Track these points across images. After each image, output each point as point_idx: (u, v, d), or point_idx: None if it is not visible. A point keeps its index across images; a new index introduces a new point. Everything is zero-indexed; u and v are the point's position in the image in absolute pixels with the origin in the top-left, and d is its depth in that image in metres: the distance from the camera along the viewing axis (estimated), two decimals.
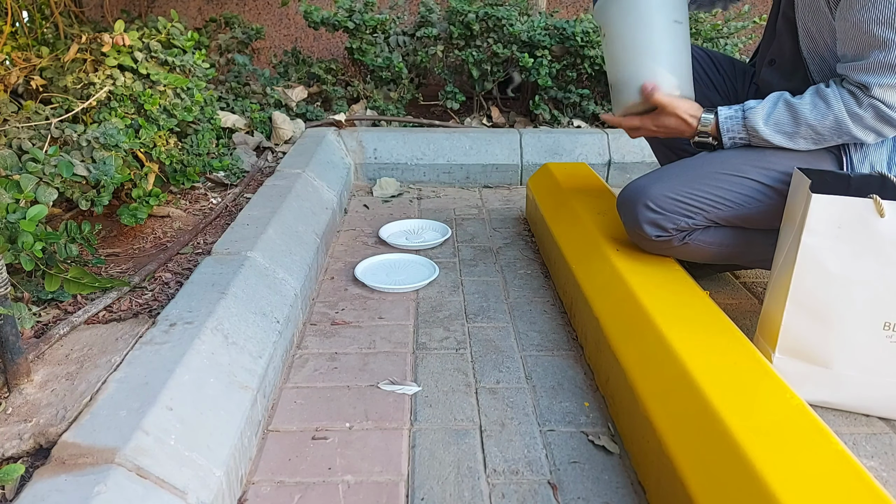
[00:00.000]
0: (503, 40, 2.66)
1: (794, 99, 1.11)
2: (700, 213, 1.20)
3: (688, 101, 1.21)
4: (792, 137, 1.12)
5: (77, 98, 1.60)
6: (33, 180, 1.17)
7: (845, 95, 1.06)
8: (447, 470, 0.94)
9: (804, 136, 1.11)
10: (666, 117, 1.20)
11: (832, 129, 1.08)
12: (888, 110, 1.03)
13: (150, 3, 3.24)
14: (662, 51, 1.21)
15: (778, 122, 1.12)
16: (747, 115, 1.14)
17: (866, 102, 1.04)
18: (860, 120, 1.05)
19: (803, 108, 1.09)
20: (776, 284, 1.10)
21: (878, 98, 1.02)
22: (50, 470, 0.72)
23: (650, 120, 1.23)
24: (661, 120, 1.21)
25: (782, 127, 1.12)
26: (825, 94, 1.08)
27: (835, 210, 0.98)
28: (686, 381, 0.89)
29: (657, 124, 1.22)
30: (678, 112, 1.19)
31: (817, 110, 1.08)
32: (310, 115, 2.65)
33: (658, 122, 1.22)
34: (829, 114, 1.07)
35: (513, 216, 2.06)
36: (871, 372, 1.03)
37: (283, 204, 1.61)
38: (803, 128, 1.10)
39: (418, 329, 1.35)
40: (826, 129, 1.09)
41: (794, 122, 1.11)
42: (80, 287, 1.10)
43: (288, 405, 1.09)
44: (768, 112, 1.13)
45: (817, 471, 0.72)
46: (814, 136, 1.11)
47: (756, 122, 1.13)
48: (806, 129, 1.10)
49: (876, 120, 1.05)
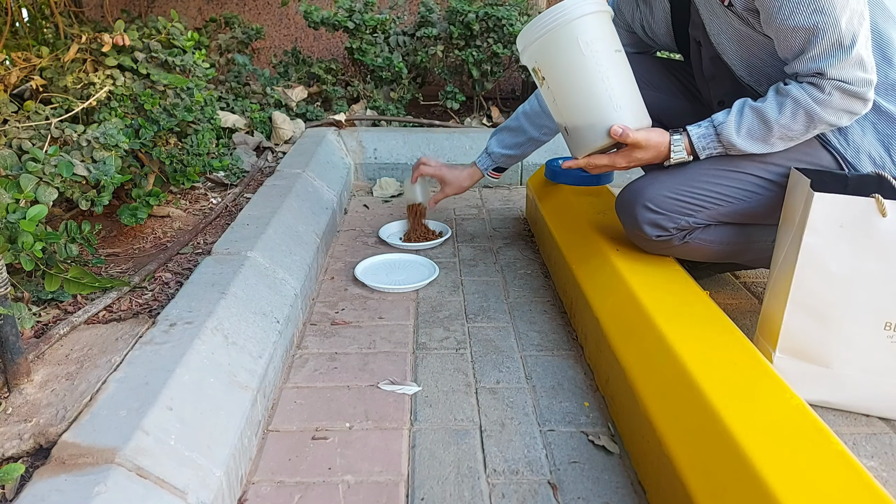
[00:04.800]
0: (503, 40, 2.66)
1: (759, 103, 1.10)
2: (700, 211, 1.20)
3: (655, 130, 1.18)
4: (767, 141, 1.12)
5: (77, 98, 1.60)
6: (33, 180, 1.17)
7: (806, 87, 1.05)
8: (447, 470, 0.94)
9: (779, 137, 1.11)
10: (641, 152, 1.18)
11: (805, 123, 1.07)
12: (850, 86, 1.02)
13: (150, 3, 3.24)
14: (616, 87, 1.16)
15: (751, 131, 1.11)
16: (720, 132, 1.13)
17: (829, 87, 1.03)
18: (828, 104, 1.04)
19: (770, 111, 1.08)
20: (776, 284, 1.10)
21: (837, 77, 1.02)
22: (50, 470, 0.72)
23: (622, 158, 1.20)
24: (635, 155, 1.19)
25: (755, 134, 1.11)
26: (787, 90, 1.07)
27: (836, 209, 0.98)
28: (686, 381, 0.89)
29: (630, 160, 1.20)
30: (651, 144, 1.17)
31: (785, 108, 1.07)
32: (310, 115, 2.65)
33: (631, 158, 1.20)
34: (797, 109, 1.06)
35: (513, 216, 2.06)
36: (872, 372, 1.03)
37: (283, 204, 1.61)
38: (776, 129, 1.09)
39: (418, 329, 1.35)
40: (799, 123, 1.08)
41: (766, 127, 1.10)
42: (80, 287, 1.10)
43: (288, 405, 1.09)
44: (738, 123, 1.11)
45: (817, 471, 0.72)
46: (788, 133, 1.10)
47: (730, 136, 1.12)
48: (779, 130, 1.09)
49: (843, 99, 1.04)
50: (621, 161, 1.21)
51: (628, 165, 1.21)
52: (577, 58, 1.16)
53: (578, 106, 1.19)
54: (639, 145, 1.17)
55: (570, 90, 1.19)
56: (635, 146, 1.17)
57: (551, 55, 1.19)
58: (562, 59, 1.18)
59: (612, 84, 1.16)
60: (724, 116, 1.13)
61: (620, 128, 1.15)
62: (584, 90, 1.17)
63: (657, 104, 1.22)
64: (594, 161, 1.23)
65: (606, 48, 1.17)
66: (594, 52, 1.16)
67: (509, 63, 2.78)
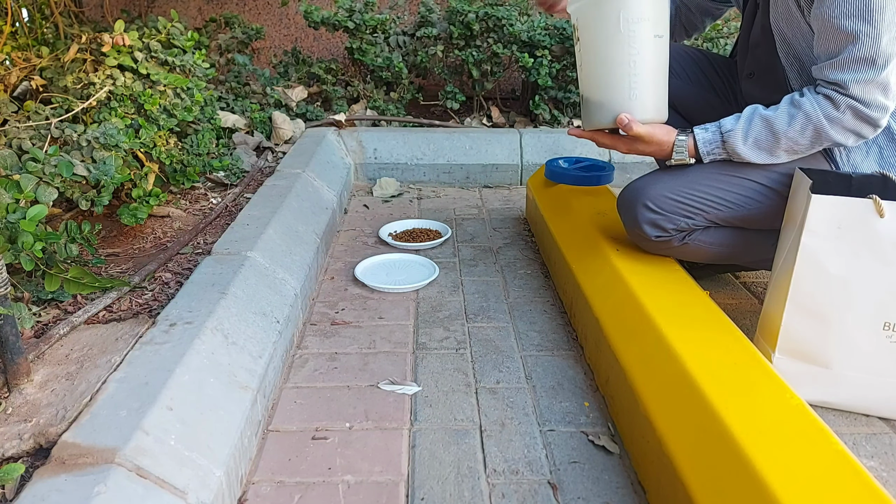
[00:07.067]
0: (503, 40, 2.66)
1: (769, 112, 1.09)
2: (700, 214, 1.20)
3: (663, 127, 1.18)
4: (772, 153, 1.11)
5: (77, 98, 1.60)
6: (33, 180, 1.17)
7: (821, 101, 1.04)
8: (447, 470, 0.94)
9: (785, 150, 1.10)
10: (642, 145, 1.18)
11: (812, 138, 1.07)
12: (866, 109, 1.01)
13: (150, 3, 3.24)
14: (639, 74, 1.13)
15: (757, 140, 1.11)
16: (726, 139, 1.13)
17: (843, 104, 1.02)
18: (839, 123, 1.04)
19: (780, 122, 1.08)
20: (776, 284, 1.10)
21: (855, 96, 1.01)
22: (50, 470, 0.72)
23: (623, 144, 1.21)
24: (636, 146, 1.19)
25: (762, 144, 1.11)
26: (800, 102, 1.06)
27: (835, 210, 0.98)
28: (686, 381, 0.90)
29: (630, 149, 1.20)
30: (654, 140, 1.17)
31: (795, 121, 1.06)
32: (310, 115, 2.65)
33: (632, 148, 1.20)
34: (807, 123, 1.06)
35: (513, 216, 2.06)
36: (871, 372, 1.03)
37: (283, 204, 1.61)
38: (783, 141, 1.09)
39: (418, 329, 1.35)
40: (806, 138, 1.07)
41: (773, 138, 1.09)
42: (80, 287, 1.10)
43: (288, 405, 1.09)
44: (745, 131, 1.11)
45: (817, 471, 0.72)
46: (794, 147, 1.09)
47: (736, 144, 1.12)
48: (786, 143, 1.09)
49: (855, 120, 1.03)
50: (622, 146, 1.21)
51: (628, 152, 1.22)
52: (612, 33, 1.13)
53: (598, 81, 1.18)
54: (641, 139, 1.17)
55: (595, 62, 1.18)
56: (638, 138, 1.17)
57: (591, 20, 1.16)
58: (598, 28, 1.15)
59: (637, 70, 1.13)
60: (733, 123, 1.12)
61: (627, 118, 1.14)
62: (608, 68, 1.15)
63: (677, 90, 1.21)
64: (598, 137, 1.24)
65: (647, 31, 1.12)
66: (632, 32, 1.12)
67: (509, 63, 2.78)
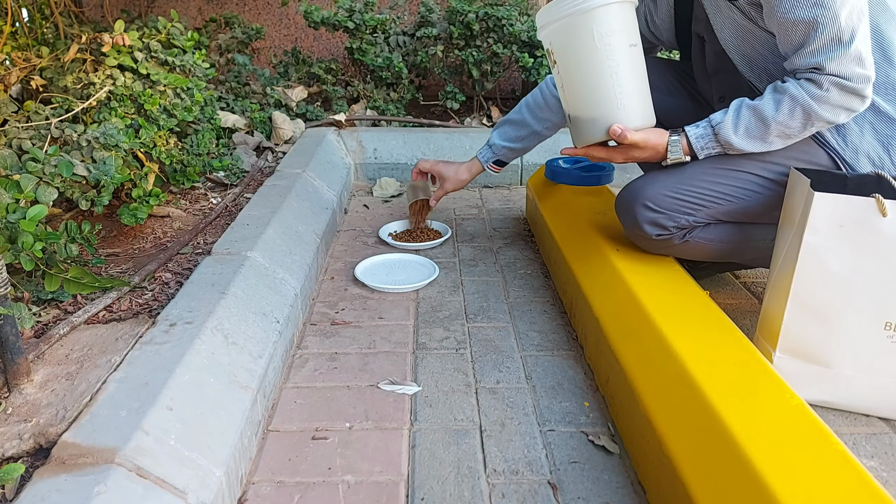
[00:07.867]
0: (503, 40, 2.66)
1: (756, 102, 1.10)
2: (700, 210, 1.20)
3: (655, 131, 1.18)
4: (765, 140, 1.12)
5: (77, 98, 1.60)
6: (33, 180, 1.17)
7: (804, 83, 1.05)
8: (447, 470, 0.94)
9: (777, 135, 1.11)
10: (637, 151, 1.19)
11: (802, 120, 1.07)
12: (848, 82, 1.02)
13: (150, 3, 3.24)
14: (624, 84, 1.14)
15: (748, 129, 1.11)
16: (718, 131, 1.13)
17: (826, 82, 1.03)
18: (826, 100, 1.04)
19: (768, 109, 1.08)
20: (776, 284, 1.09)
21: (834, 73, 1.02)
22: (50, 470, 0.72)
23: (619, 154, 1.21)
24: (632, 154, 1.20)
25: (753, 132, 1.11)
26: (784, 88, 1.07)
27: (837, 209, 0.98)
28: (686, 381, 0.89)
29: (627, 157, 1.21)
30: (648, 145, 1.17)
31: (782, 105, 1.07)
32: (310, 115, 2.65)
33: (628, 155, 1.20)
34: (794, 105, 1.06)
35: (513, 216, 2.06)
36: (872, 372, 1.03)
37: (283, 204, 1.61)
38: (773, 127, 1.09)
39: (418, 329, 1.35)
40: (797, 121, 1.07)
41: (764, 125, 1.10)
42: (80, 287, 1.10)
43: (288, 405, 1.09)
44: (735, 122, 1.12)
45: (817, 471, 0.72)
46: (786, 131, 1.10)
47: (728, 135, 1.12)
48: (777, 128, 1.09)
49: (841, 95, 1.03)
50: (618, 157, 1.22)
51: (625, 161, 1.22)
52: (590, 50, 1.14)
53: (584, 98, 1.18)
54: (636, 146, 1.18)
55: (577, 81, 1.18)
56: (634, 146, 1.18)
57: (565, 42, 1.17)
58: (575, 48, 1.16)
59: (620, 80, 1.14)
60: (722, 116, 1.13)
61: (619, 128, 1.15)
62: (592, 84, 1.16)
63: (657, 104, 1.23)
64: (592, 152, 1.24)
65: (622, 42, 1.13)
66: (608, 45, 1.13)
67: (509, 63, 2.78)
